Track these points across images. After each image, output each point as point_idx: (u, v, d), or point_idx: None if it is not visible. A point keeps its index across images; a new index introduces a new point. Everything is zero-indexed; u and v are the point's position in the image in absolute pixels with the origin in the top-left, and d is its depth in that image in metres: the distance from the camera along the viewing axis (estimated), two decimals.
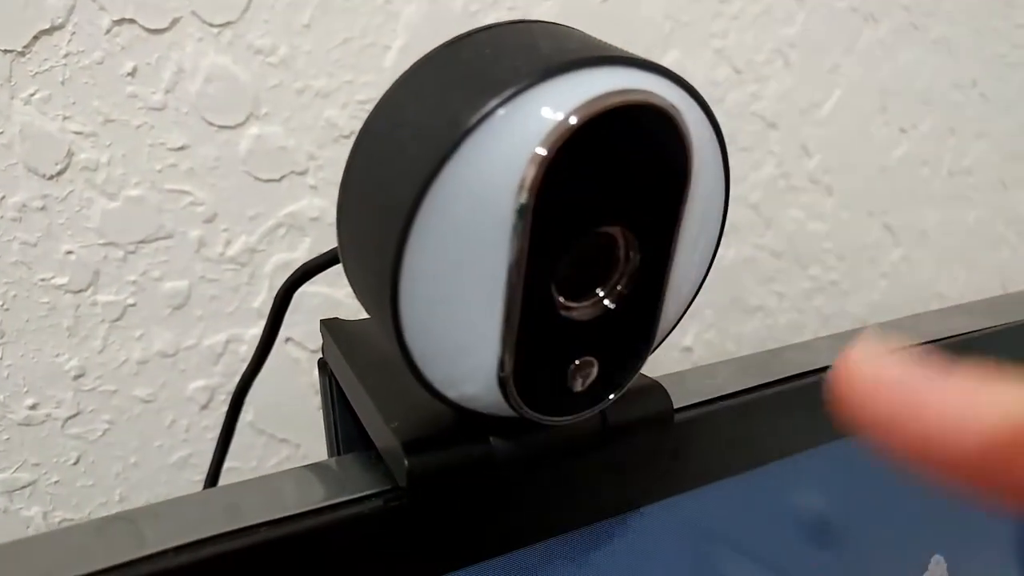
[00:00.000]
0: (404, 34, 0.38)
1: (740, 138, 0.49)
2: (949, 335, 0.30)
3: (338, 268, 0.26)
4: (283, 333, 0.40)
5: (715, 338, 0.53)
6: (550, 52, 0.15)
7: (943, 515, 0.33)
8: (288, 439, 0.42)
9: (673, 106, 0.15)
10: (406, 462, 0.17)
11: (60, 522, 0.38)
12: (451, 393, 0.17)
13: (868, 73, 0.53)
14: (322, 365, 0.24)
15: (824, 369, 0.26)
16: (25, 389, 0.35)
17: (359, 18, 0.37)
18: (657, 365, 0.24)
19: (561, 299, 0.16)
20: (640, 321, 0.17)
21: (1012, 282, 0.67)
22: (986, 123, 0.61)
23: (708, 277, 0.18)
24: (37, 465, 0.37)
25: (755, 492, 0.24)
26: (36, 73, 0.32)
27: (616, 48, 0.16)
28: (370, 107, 0.16)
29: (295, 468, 0.20)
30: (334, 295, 0.40)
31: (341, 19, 0.36)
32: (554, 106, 0.14)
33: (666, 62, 0.48)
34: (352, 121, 0.38)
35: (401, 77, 0.16)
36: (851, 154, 0.55)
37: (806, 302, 0.56)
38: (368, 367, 0.20)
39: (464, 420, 0.18)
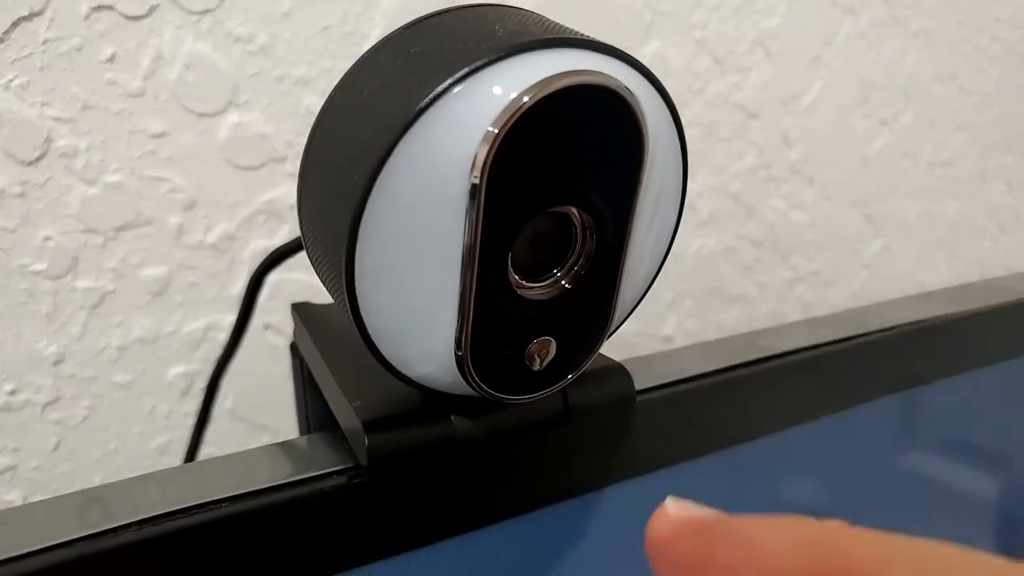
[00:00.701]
0: (383, 22, 0.38)
1: (721, 128, 0.50)
2: (918, 320, 0.31)
3: None
4: (261, 320, 0.40)
5: (695, 327, 0.53)
6: (505, 34, 0.15)
7: (915, 500, 0.33)
8: (267, 425, 0.42)
9: (626, 87, 0.15)
10: (366, 440, 0.17)
11: None
12: (411, 373, 0.17)
13: (849, 65, 0.54)
14: (293, 348, 0.24)
15: (793, 352, 0.27)
16: (4, 375, 0.35)
17: (338, 6, 0.37)
18: (636, 354, 0.25)
19: (518, 279, 0.16)
20: (597, 301, 0.17)
21: (992, 273, 0.68)
22: (966, 115, 0.61)
23: (689, 266, 0.19)
24: (17, 450, 0.37)
25: (719, 474, 0.24)
26: (15, 60, 0.32)
27: (573, 31, 0.16)
28: None
29: (262, 447, 0.20)
30: (313, 282, 0.40)
31: (320, 7, 0.37)
32: (506, 85, 0.14)
33: (646, 52, 0.49)
34: None
35: (359, 59, 0.16)
36: (832, 145, 0.55)
37: (787, 292, 0.57)
38: (334, 349, 0.21)
39: (426, 400, 0.18)
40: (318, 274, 0.17)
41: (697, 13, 0.46)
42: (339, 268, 0.15)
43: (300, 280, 0.40)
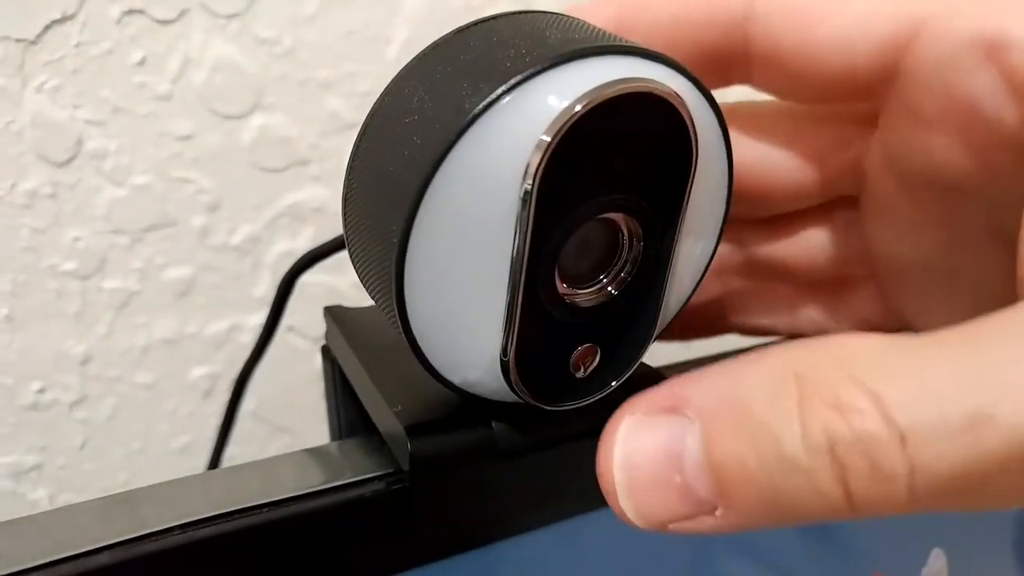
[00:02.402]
0: (406, 27, 0.38)
1: None
2: None
3: (339, 258, 0.27)
4: (284, 322, 0.40)
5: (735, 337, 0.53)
6: (556, 41, 0.15)
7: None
8: (289, 427, 0.42)
9: (676, 94, 0.15)
10: (409, 445, 0.17)
11: (66, 505, 0.38)
12: (455, 378, 0.17)
13: None
14: (325, 351, 0.24)
15: None
16: (32, 374, 0.35)
17: (362, 11, 0.37)
18: (658, 356, 0.24)
19: (564, 285, 0.16)
20: (642, 308, 0.17)
21: None
22: None
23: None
24: (44, 449, 0.37)
25: None
26: (47, 63, 0.32)
27: (621, 38, 0.16)
28: (372, 98, 0.16)
29: (296, 451, 0.20)
30: (336, 284, 0.40)
31: (344, 11, 0.37)
32: (559, 94, 0.14)
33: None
34: (354, 112, 0.38)
35: (408, 65, 0.16)
36: None
37: None
38: (371, 353, 0.21)
39: (467, 405, 0.18)
40: (361, 278, 0.17)
41: None
42: (388, 273, 0.15)
43: (323, 282, 0.40)
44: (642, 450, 0.13)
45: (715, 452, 0.12)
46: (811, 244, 0.21)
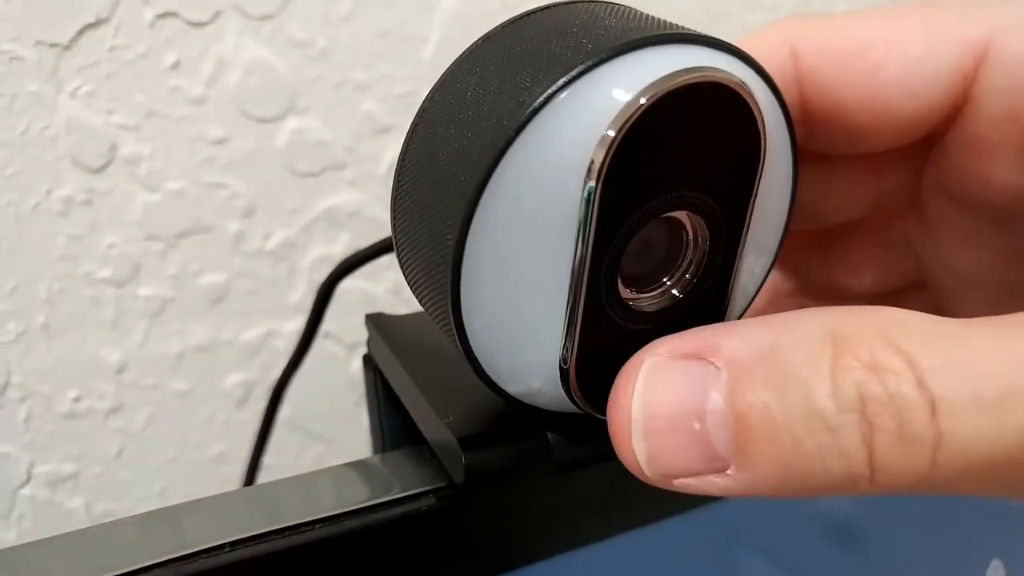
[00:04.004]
0: (441, 27, 0.38)
1: None
2: None
3: (375, 263, 0.26)
4: (320, 329, 0.40)
5: None
6: (617, 30, 0.14)
7: (1002, 517, 0.32)
8: (323, 435, 0.41)
9: (744, 84, 0.14)
10: (463, 457, 0.16)
11: (102, 514, 0.38)
12: (511, 388, 0.16)
13: None
14: (367, 360, 0.24)
15: None
16: (69, 382, 0.35)
17: (396, 10, 0.36)
18: None
19: (627, 289, 0.15)
20: (707, 311, 0.16)
21: None
22: None
23: None
24: (81, 457, 0.37)
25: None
26: (82, 67, 0.32)
27: (682, 27, 0.15)
28: (408, 100, 0.16)
29: (341, 465, 0.19)
30: (371, 290, 0.40)
31: (379, 11, 0.36)
32: (623, 86, 0.13)
33: None
34: (390, 115, 0.38)
35: (459, 57, 0.15)
36: None
37: None
38: (417, 361, 0.20)
39: (521, 416, 0.17)
40: (411, 284, 0.17)
41: (755, 15, 0.45)
42: (443, 279, 0.14)
43: (359, 287, 0.39)
44: (665, 392, 0.13)
45: (740, 401, 0.12)
46: (862, 256, 0.21)
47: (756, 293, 0.18)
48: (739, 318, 0.18)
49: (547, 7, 0.16)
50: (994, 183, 0.16)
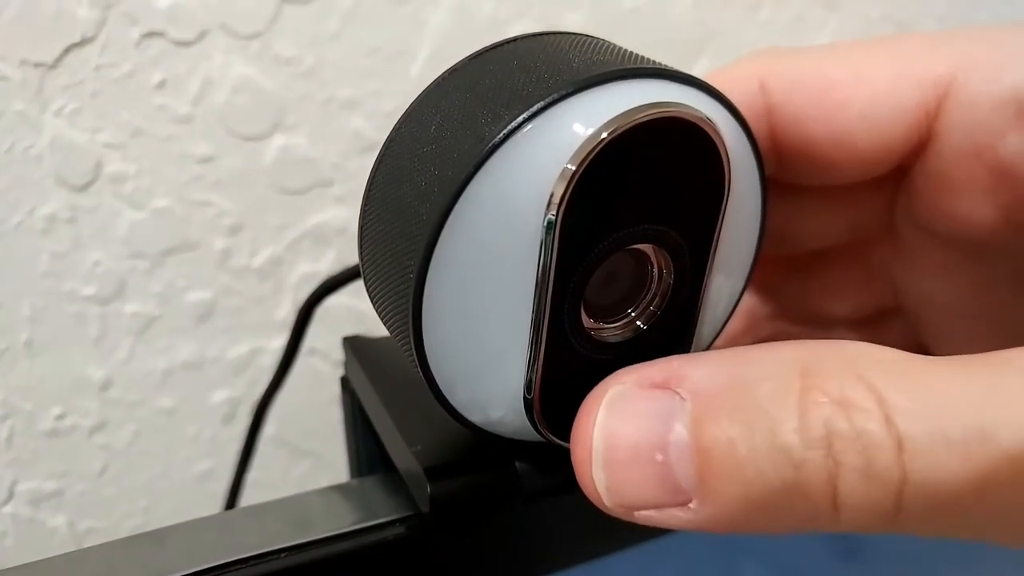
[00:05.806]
0: (430, 44, 0.38)
1: None
2: None
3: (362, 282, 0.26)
4: (306, 345, 0.40)
5: None
6: (580, 64, 0.14)
7: None
8: (310, 451, 0.41)
9: (708, 120, 0.14)
10: (428, 487, 0.16)
11: (86, 531, 0.38)
12: (475, 417, 0.16)
13: None
14: (344, 383, 0.24)
15: None
16: (52, 399, 0.35)
17: (385, 28, 0.37)
18: None
19: (590, 319, 0.15)
20: (673, 342, 0.16)
21: None
22: None
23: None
24: (64, 475, 0.37)
25: None
26: (67, 86, 0.32)
27: (648, 60, 0.15)
28: (396, 118, 0.16)
29: (317, 490, 0.19)
30: (360, 307, 0.40)
31: (367, 29, 0.36)
32: (584, 121, 0.13)
33: (696, 71, 0.48)
34: (378, 132, 0.38)
35: (425, 90, 0.15)
36: None
37: None
38: (390, 387, 0.20)
39: (488, 445, 0.17)
40: (378, 312, 0.17)
41: (748, 30, 0.45)
42: (405, 309, 0.14)
43: (347, 304, 0.39)
44: (627, 421, 0.13)
45: (704, 434, 0.12)
46: (840, 281, 0.21)
47: (726, 322, 0.18)
48: (709, 347, 0.18)
49: (515, 39, 0.16)
50: (960, 218, 0.16)
